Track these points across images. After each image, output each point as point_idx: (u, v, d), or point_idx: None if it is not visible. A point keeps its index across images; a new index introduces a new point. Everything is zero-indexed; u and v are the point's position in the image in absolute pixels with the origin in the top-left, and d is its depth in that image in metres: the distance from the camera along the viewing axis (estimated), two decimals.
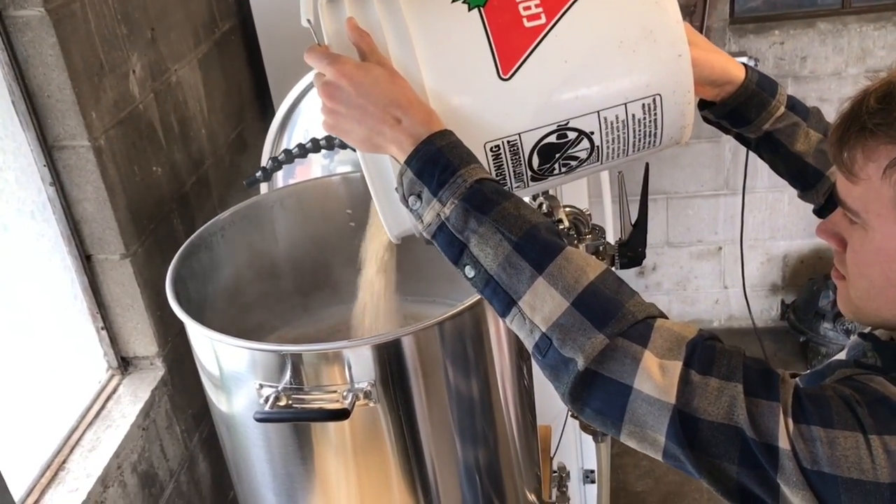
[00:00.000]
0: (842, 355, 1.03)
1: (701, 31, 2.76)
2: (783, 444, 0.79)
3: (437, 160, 0.92)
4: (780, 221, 3.15)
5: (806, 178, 1.23)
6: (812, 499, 0.78)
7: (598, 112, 1.02)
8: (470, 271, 0.90)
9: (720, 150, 3.03)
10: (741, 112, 1.19)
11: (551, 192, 1.93)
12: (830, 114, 1.33)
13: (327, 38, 1.05)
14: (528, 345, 0.89)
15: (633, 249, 1.42)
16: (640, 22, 1.01)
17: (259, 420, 1.09)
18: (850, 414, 0.79)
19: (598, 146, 1.05)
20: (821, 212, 1.26)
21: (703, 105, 1.22)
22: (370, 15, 1.03)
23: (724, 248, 3.23)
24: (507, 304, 0.89)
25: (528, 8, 1.02)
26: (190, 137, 1.71)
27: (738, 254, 3.13)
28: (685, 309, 3.35)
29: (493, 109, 1.02)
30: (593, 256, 0.91)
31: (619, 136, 1.05)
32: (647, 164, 1.43)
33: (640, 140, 1.06)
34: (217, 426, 1.34)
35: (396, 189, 0.96)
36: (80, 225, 1.40)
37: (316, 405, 1.11)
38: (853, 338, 1.02)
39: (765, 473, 0.80)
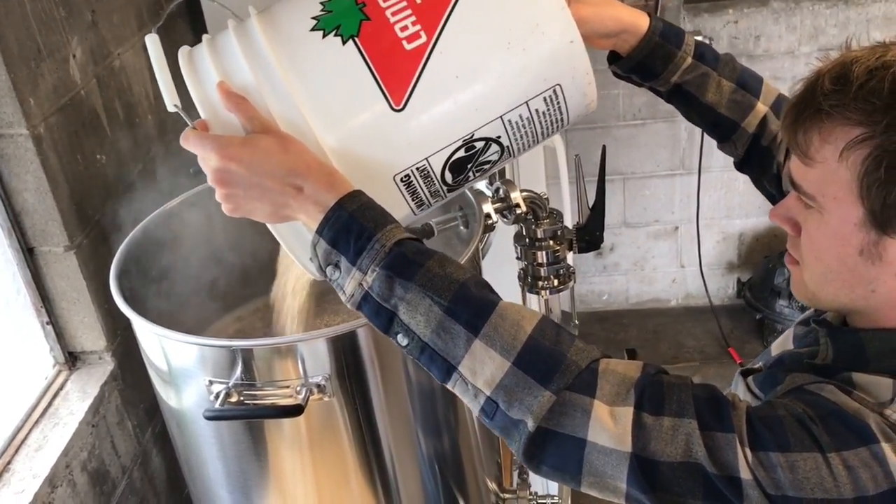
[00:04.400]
0: (788, 341, 1.03)
1: (655, 11, 2.75)
2: (744, 474, 0.78)
3: (350, 227, 0.88)
4: (736, 200, 3.17)
5: (720, 128, 1.21)
6: None
7: (500, 117, 0.99)
8: (403, 339, 0.87)
9: (676, 130, 3.03)
10: (647, 66, 1.17)
11: (508, 176, 1.91)
12: (784, 93, 1.34)
13: (202, 111, 0.98)
14: (474, 409, 0.86)
15: (590, 233, 1.40)
16: (524, 18, 0.96)
17: (209, 418, 1.06)
18: (805, 434, 0.79)
19: (507, 146, 1.03)
20: (741, 165, 1.24)
21: (611, 59, 1.20)
22: (241, 74, 0.96)
23: (680, 228, 3.24)
24: (446, 370, 0.86)
25: (406, 28, 0.95)
26: (135, 124, 1.66)
27: (695, 233, 3.15)
28: (643, 289, 3.36)
29: (393, 143, 0.98)
30: (525, 306, 0.89)
31: (526, 131, 1.02)
32: (604, 147, 1.42)
33: (548, 128, 1.04)
34: (167, 423, 1.31)
35: (311, 260, 0.92)
36: (20, 216, 1.35)
37: (268, 401, 1.08)
38: (801, 319, 1.01)
39: None
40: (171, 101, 0.98)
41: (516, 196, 1.34)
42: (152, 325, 1.11)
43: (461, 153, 1.00)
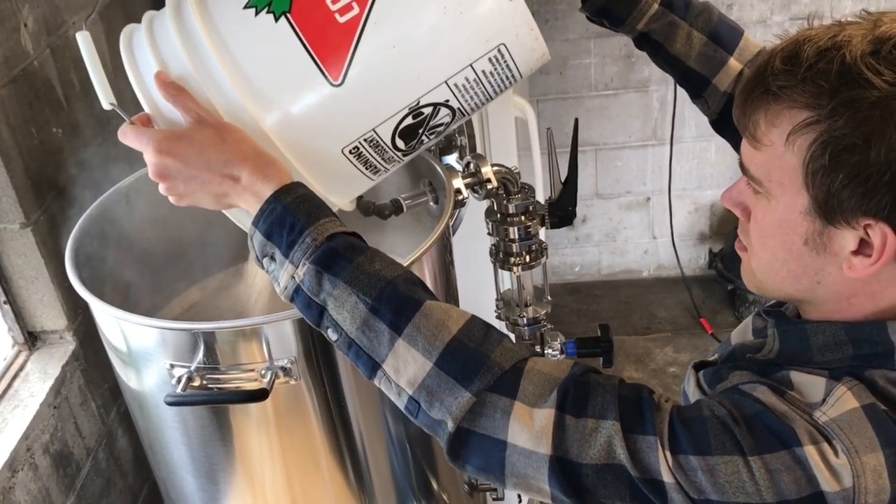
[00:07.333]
0: (748, 331, 1.00)
1: None
2: (666, 477, 0.77)
3: (283, 220, 0.88)
4: (708, 171, 3.16)
5: (690, 82, 1.18)
6: None
7: (445, 82, 0.96)
8: (332, 334, 0.87)
9: (648, 101, 3.01)
10: (611, 11, 1.14)
11: (478, 150, 1.88)
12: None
13: (144, 105, 0.96)
14: (399, 405, 0.86)
15: (563, 209, 1.38)
16: None
17: (170, 404, 1.03)
18: (727, 436, 0.77)
19: (457, 108, 1.00)
20: (717, 126, 1.21)
21: (583, 0, 1.18)
22: (178, 61, 0.94)
23: (652, 199, 3.23)
24: (371, 367, 0.85)
25: (337, 1, 0.92)
26: (93, 96, 1.58)
27: (667, 204, 3.14)
28: (615, 260, 3.36)
29: (337, 118, 0.96)
30: (455, 307, 0.88)
31: (475, 92, 0.99)
32: (577, 121, 1.39)
33: (499, 85, 1.00)
34: (129, 406, 1.28)
35: (250, 251, 0.92)
36: None
37: (233, 385, 1.05)
38: (759, 311, 0.99)
39: None
40: (106, 100, 0.98)
41: (487, 171, 1.31)
42: (110, 307, 1.08)
43: (409, 120, 0.98)
